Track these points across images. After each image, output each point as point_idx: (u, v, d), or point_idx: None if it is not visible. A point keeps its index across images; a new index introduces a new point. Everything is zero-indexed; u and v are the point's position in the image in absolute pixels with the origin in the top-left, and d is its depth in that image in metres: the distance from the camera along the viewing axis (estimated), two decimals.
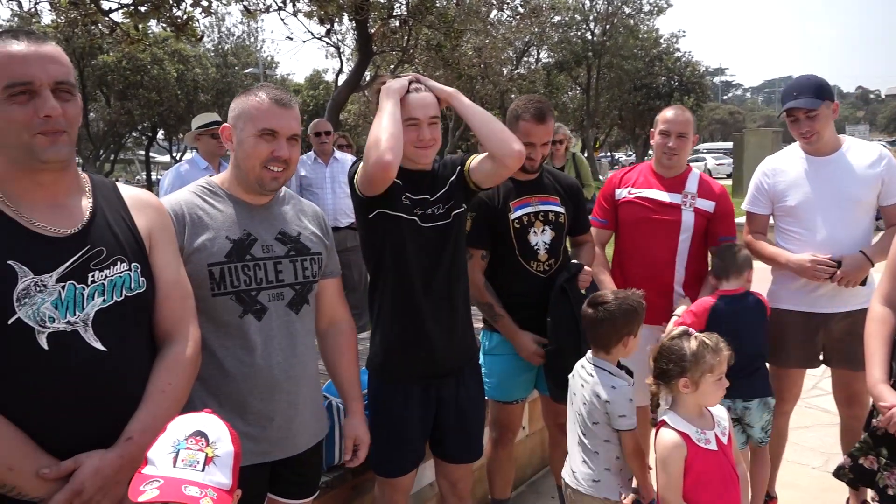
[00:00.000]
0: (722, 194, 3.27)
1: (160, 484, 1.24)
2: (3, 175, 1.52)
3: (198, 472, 1.29)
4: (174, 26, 7.20)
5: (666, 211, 3.18)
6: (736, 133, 23.23)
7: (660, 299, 3.17)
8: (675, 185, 3.23)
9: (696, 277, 3.24)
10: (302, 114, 9.50)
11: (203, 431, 1.34)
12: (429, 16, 8.95)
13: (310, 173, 6.12)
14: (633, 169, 3.44)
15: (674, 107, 3.29)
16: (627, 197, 3.27)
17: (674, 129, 3.15)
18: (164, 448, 1.31)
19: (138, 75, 26.57)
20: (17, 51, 1.45)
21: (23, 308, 1.44)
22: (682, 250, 3.18)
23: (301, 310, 2.06)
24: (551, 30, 27.33)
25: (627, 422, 2.39)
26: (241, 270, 1.95)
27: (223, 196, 2.03)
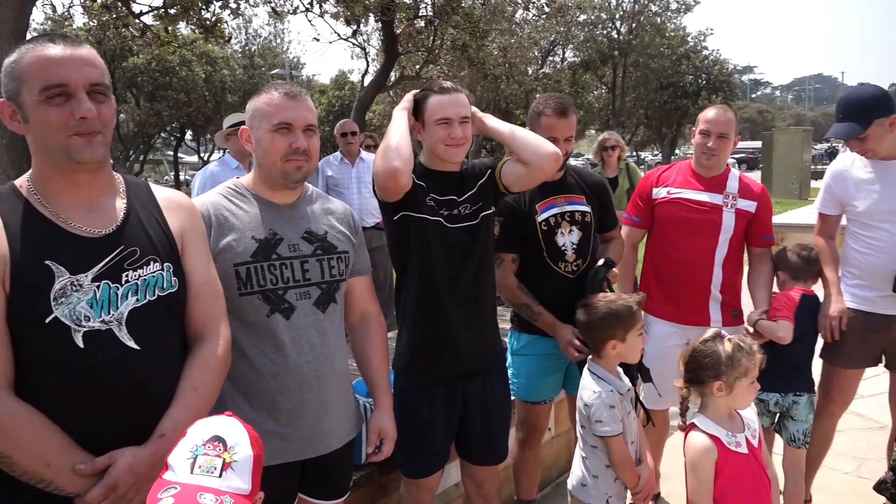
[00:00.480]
0: (763, 194, 3.24)
1: (176, 491, 1.24)
2: (41, 176, 1.56)
3: (215, 479, 1.28)
4: (203, 28, 7.28)
5: (707, 212, 3.15)
6: (765, 132, 22.88)
7: (694, 300, 3.16)
8: (716, 185, 3.19)
9: (733, 280, 3.21)
10: (327, 114, 9.61)
11: (221, 436, 1.34)
12: (455, 16, 8.94)
13: (336, 173, 6.17)
14: (670, 167, 3.40)
15: (716, 106, 3.25)
16: (666, 197, 3.24)
17: (714, 129, 3.12)
18: (182, 454, 1.31)
19: (167, 77, 26.92)
20: (54, 54, 1.48)
21: (59, 307, 1.47)
22: (720, 252, 3.15)
23: (328, 308, 2.06)
24: (577, 29, 27.15)
25: (604, 428, 2.38)
26: (267, 270, 1.96)
27: (249, 196, 2.05)
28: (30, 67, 1.48)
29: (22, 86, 1.49)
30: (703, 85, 35.51)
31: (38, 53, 1.49)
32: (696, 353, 2.27)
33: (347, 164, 6.23)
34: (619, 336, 2.45)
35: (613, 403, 2.40)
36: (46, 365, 1.48)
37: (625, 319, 2.45)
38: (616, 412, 2.39)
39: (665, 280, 3.22)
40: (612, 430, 2.38)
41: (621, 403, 2.43)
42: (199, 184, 4.89)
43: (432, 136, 2.42)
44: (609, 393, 2.41)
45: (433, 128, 2.41)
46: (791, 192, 19.18)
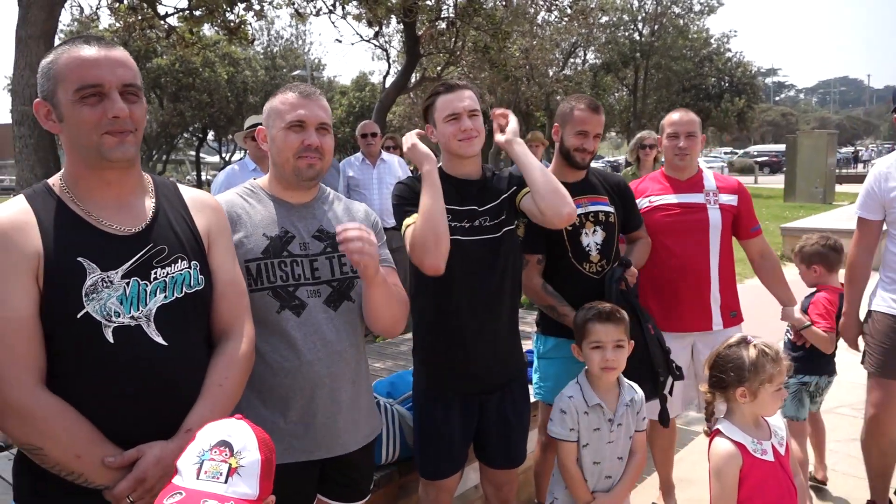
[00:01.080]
0: (739, 186, 3.31)
1: (181, 497, 1.22)
2: (73, 175, 1.59)
3: (220, 484, 1.26)
4: (227, 30, 7.36)
5: (692, 212, 3.17)
6: (789, 135, 22.62)
7: (695, 304, 3.14)
8: (693, 185, 3.24)
9: (728, 278, 3.21)
10: (347, 115, 9.66)
11: (228, 441, 1.31)
12: (477, 17, 8.95)
13: (357, 174, 6.20)
14: (644, 180, 3.42)
15: (678, 109, 3.34)
16: (649, 206, 3.24)
17: (682, 129, 3.19)
18: (190, 458, 1.30)
19: (190, 77, 27.24)
20: (89, 55, 1.52)
21: (91, 303, 1.49)
22: (714, 250, 3.16)
23: (340, 306, 2.05)
24: (598, 30, 27.01)
25: (551, 427, 2.50)
26: (277, 267, 1.98)
27: (263, 196, 2.08)
28: (65, 68, 1.51)
29: (57, 86, 1.52)
30: (726, 87, 35.20)
31: (73, 55, 1.52)
32: (720, 358, 2.23)
33: (368, 165, 6.26)
34: (578, 343, 2.54)
35: (566, 409, 2.45)
36: (77, 359, 1.51)
37: (578, 329, 2.53)
38: (566, 418, 2.44)
39: (663, 290, 3.17)
40: (556, 433, 2.47)
41: (582, 415, 2.45)
42: (219, 184, 4.96)
43: (444, 134, 2.43)
44: (566, 398, 2.47)
45: (443, 126, 2.42)
46: (815, 196, 18.96)
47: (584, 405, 2.46)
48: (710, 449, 2.21)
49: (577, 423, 2.45)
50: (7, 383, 1.43)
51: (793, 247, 3.42)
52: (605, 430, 2.47)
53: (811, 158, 19.33)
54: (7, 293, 1.44)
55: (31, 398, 1.44)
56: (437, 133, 2.47)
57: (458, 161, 2.47)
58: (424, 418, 2.54)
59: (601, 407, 2.46)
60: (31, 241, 1.48)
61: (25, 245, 1.47)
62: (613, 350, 2.44)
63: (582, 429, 2.46)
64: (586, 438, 2.46)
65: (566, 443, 2.46)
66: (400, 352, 4.45)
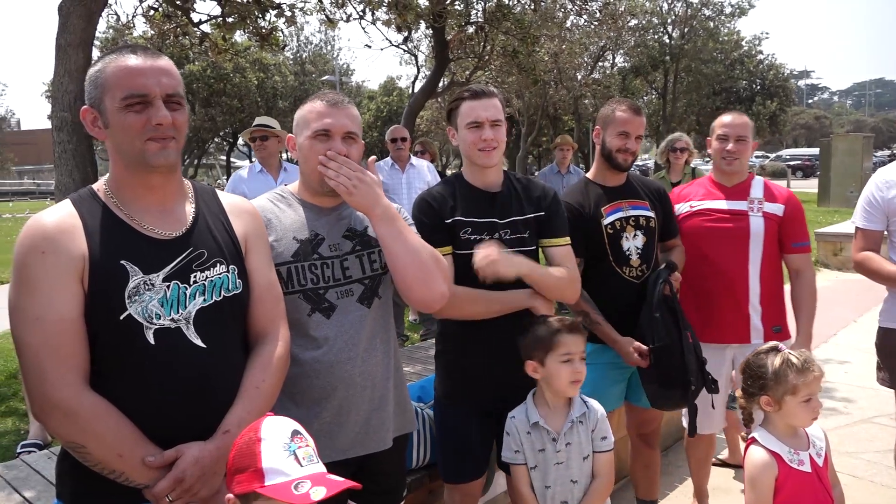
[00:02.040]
0: (790, 197, 3.16)
1: (310, 484, 1.28)
2: (117, 180, 1.64)
3: (320, 464, 1.36)
4: (259, 36, 7.45)
5: (732, 219, 3.08)
6: (822, 139, 22.23)
7: (733, 314, 3.06)
8: (739, 192, 3.13)
9: (773, 290, 3.09)
10: (375, 120, 9.69)
11: (297, 430, 1.38)
12: (505, 22, 8.94)
13: (387, 179, 6.23)
14: (691, 184, 3.35)
15: (731, 111, 3.22)
16: (689, 210, 3.18)
17: (732, 132, 3.09)
18: (278, 455, 1.33)
19: (221, 83, 27.62)
20: (135, 64, 1.56)
21: (133, 305, 1.53)
22: (754, 259, 3.05)
23: (372, 304, 2.07)
24: (627, 34, 26.81)
25: (503, 451, 2.36)
26: (307, 270, 2.00)
27: (293, 200, 2.10)
28: (113, 77, 1.56)
29: (105, 93, 1.57)
30: (758, 90, 34.72)
31: (120, 64, 1.57)
32: (748, 365, 2.23)
33: (398, 170, 6.29)
34: (538, 358, 2.27)
35: (508, 430, 2.31)
36: (119, 360, 1.54)
37: (544, 342, 2.26)
38: (510, 441, 2.31)
39: (701, 298, 3.11)
40: (504, 456, 2.34)
41: (524, 435, 2.29)
42: (229, 187, 5.06)
43: (465, 140, 2.42)
44: (509, 419, 2.33)
45: (465, 132, 2.41)
46: (850, 200, 18.54)
47: (524, 424, 2.30)
48: (744, 457, 2.19)
49: (521, 443, 2.29)
50: (53, 383, 1.47)
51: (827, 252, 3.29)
52: (550, 450, 2.29)
53: (846, 162, 18.96)
54: (54, 295, 1.48)
55: (76, 397, 1.48)
56: (457, 138, 2.48)
57: (479, 170, 2.46)
58: (445, 423, 2.56)
59: (539, 426, 2.29)
60: (77, 244, 1.52)
61: (72, 248, 1.52)
62: (580, 362, 2.26)
63: (526, 450, 2.29)
64: (532, 460, 2.30)
65: (516, 466, 2.31)
66: (429, 356, 4.45)
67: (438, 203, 2.41)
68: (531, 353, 2.28)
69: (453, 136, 2.51)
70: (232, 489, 1.37)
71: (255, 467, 1.32)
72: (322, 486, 1.28)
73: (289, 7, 7.42)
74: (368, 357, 2.04)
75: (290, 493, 1.27)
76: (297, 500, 1.26)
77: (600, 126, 2.94)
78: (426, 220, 2.38)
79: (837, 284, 7.81)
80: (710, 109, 34.51)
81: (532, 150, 28.63)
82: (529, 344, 2.30)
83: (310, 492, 1.27)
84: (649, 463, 3.22)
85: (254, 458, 1.33)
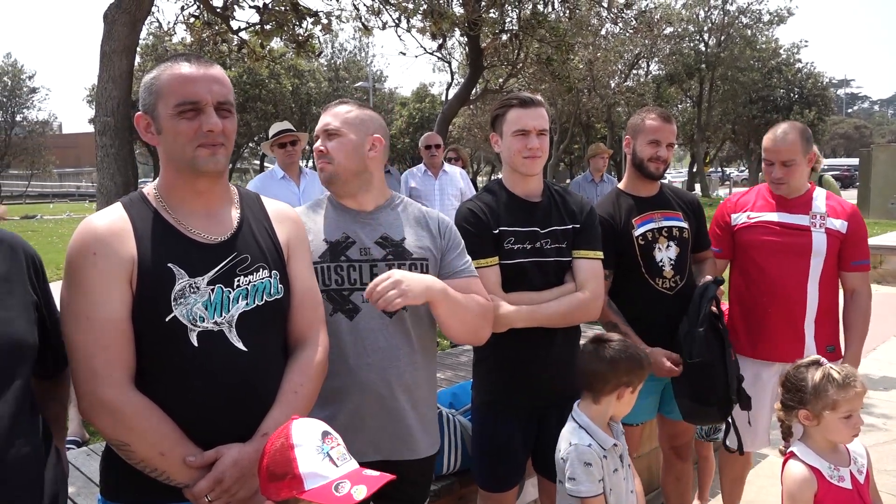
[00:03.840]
0: (854, 213, 3.00)
1: (349, 484, 1.32)
2: (167, 185, 1.68)
3: (353, 462, 1.39)
4: (295, 43, 7.55)
5: (794, 234, 2.93)
6: (862, 149, 21.76)
7: (786, 332, 2.95)
8: (800, 205, 2.98)
9: (828, 308, 2.97)
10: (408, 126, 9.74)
11: (326, 430, 1.42)
12: (540, 29, 8.94)
13: (420, 185, 6.27)
14: (749, 192, 3.22)
15: (777, 128, 2.97)
16: (747, 222, 3.05)
17: (776, 157, 2.92)
18: (313, 458, 1.35)
19: (257, 89, 28.08)
20: (189, 73, 1.61)
21: (178, 307, 1.56)
22: (813, 276, 2.92)
23: (395, 314, 2.04)
24: (663, 41, 26.60)
25: (576, 487, 2.13)
26: (333, 271, 2.02)
27: (329, 203, 2.14)
28: (167, 84, 1.61)
29: (158, 100, 1.61)
30: (796, 99, 34.20)
31: (175, 72, 1.61)
32: (788, 378, 2.20)
33: (430, 177, 6.32)
34: (635, 384, 2.20)
35: (590, 460, 2.14)
36: (163, 361, 1.58)
37: (645, 368, 2.21)
38: (593, 470, 2.13)
39: (753, 312, 3.02)
40: (588, 491, 2.12)
41: (604, 460, 2.17)
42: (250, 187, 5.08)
43: (509, 147, 2.43)
44: (586, 448, 2.15)
45: (510, 139, 2.42)
46: (891, 212, 18.16)
47: (601, 450, 2.18)
48: (783, 472, 2.15)
49: (602, 470, 2.17)
50: (101, 381, 1.51)
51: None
52: (620, 468, 2.25)
53: (887, 173, 18.54)
54: (105, 296, 1.53)
55: (122, 396, 1.52)
56: (501, 144, 2.48)
57: (521, 178, 2.47)
58: (484, 431, 2.55)
59: (615, 446, 2.22)
60: (127, 247, 1.57)
61: (122, 251, 1.56)
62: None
63: (605, 475, 2.19)
64: (610, 484, 2.20)
65: (595, 498, 2.15)
66: (460, 363, 4.47)
67: (486, 214, 2.42)
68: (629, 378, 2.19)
69: (496, 143, 2.51)
70: (270, 496, 1.39)
71: (293, 473, 1.34)
72: (362, 484, 1.32)
73: (325, 15, 7.51)
74: (388, 365, 2.03)
75: (332, 495, 1.29)
76: (340, 501, 1.28)
77: (630, 136, 2.92)
78: (474, 231, 2.38)
79: (877, 298, 7.60)
80: (746, 118, 34.07)
81: (564, 158, 28.49)
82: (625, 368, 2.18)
83: (351, 492, 1.29)
84: (681, 476, 3.18)
85: (289, 464, 1.35)
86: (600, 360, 2.20)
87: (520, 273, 2.39)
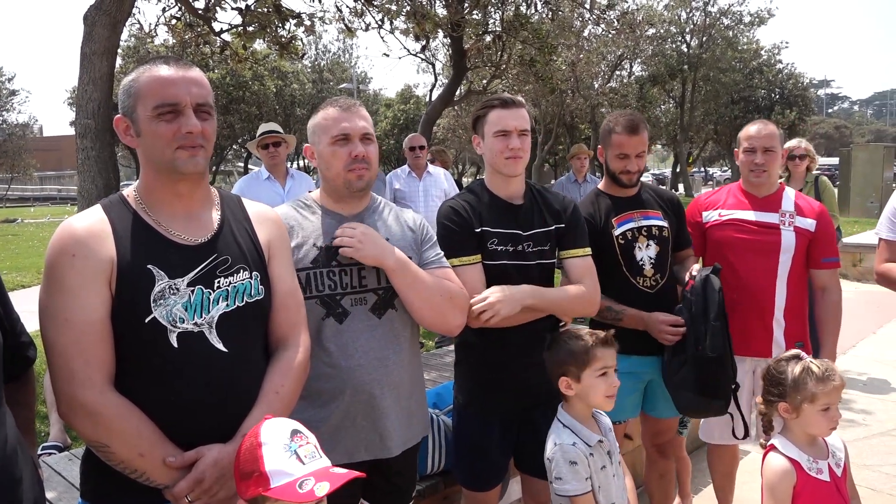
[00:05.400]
0: (822, 212, 3.09)
1: (314, 481, 1.33)
2: (147, 187, 1.68)
3: (322, 460, 1.40)
4: (278, 45, 7.53)
5: (763, 231, 3.01)
6: (842, 148, 22.02)
7: (757, 327, 3.01)
8: (770, 204, 3.06)
9: (797, 305, 3.05)
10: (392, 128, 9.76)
11: (295, 429, 1.44)
12: (523, 31, 8.99)
13: (404, 186, 6.27)
14: (720, 190, 3.28)
15: (757, 121, 3.12)
16: (718, 219, 3.12)
17: (759, 143, 3.00)
18: (280, 456, 1.37)
19: (240, 91, 27.93)
20: (167, 75, 1.61)
21: (158, 308, 1.56)
22: (782, 273, 3.00)
23: (385, 314, 2.08)
24: (645, 43, 26.78)
25: (562, 486, 2.14)
26: (325, 276, 2.03)
27: (315, 207, 2.14)
28: (146, 86, 1.61)
29: (137, 102, 1.61)
30: (777, 99, 34.53)
31: (153, 74, 1.61)
32: (769, 371, 2.24)
33: (415, 178, 6.33)
34: (573, 374, 2.20)
35: (575, 459, 2.14)
36: (143, 362, 1.58)
37: (580, 356, 2.19)
38: (579, 469, 2.13)
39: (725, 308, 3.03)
40: (575, 490, 2.12)
41: (590, 458, 2.17)
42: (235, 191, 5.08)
43: (491, 149, 2.44)
44: (570, 447, 2.15)
45: (491, 140, 2.43)
46: (870, 211, 18.38)
47: (586, 447, 2.18)
48: (763, 464, 2.18)
49: (589, 468, 2.17)
50: (80, 383, 1.50)
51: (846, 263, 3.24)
52: (608, 465, 2.24)
53: (866, 172, 18.77)
54: (84, 298, 1.53)
55: (101, 398, 1.51)
56: (483, 146, 2.49)
57: (503, 180, 2.48)
58: (463, 431, 2.56)
59: (601, 442, 2.22)
60: (106, 248, 1.57)
61: (101, 252, 1.56)
62: (615, 375, 2.21)
63: (592, 473, 2.19)
64: (598, 481, 2.20)
65: (583, 496, 2.14)
66: (444, 363, 4.48)
67: (468, 212, 2.43)
68: (564, 368, 2.22)
69: (478, 145, 2.52)
70: (241, 495, 1.41)
71: (260, 471, 1.36)
72: (325, 481, 1.33)
73: (308, 16, 7.50)
74: (379, 366, 2.06)
75: (295, 492, 1.31)
76: (302, 498, 1.30)
77: (602, 145, 2.92)
78: (456, 229, 2.39)
79: (857, 295, 7.72)
80: (728, 119, 34.36)
81: (548, 159, 28.58)
82: (562, 359, 2.23)
83: (314, 489, 1.31)
84: (664, 473, 3.21)
85: (256, 462, 1.37)
86: (547, 358, 2.30)
87: (501, 275, 2.39)
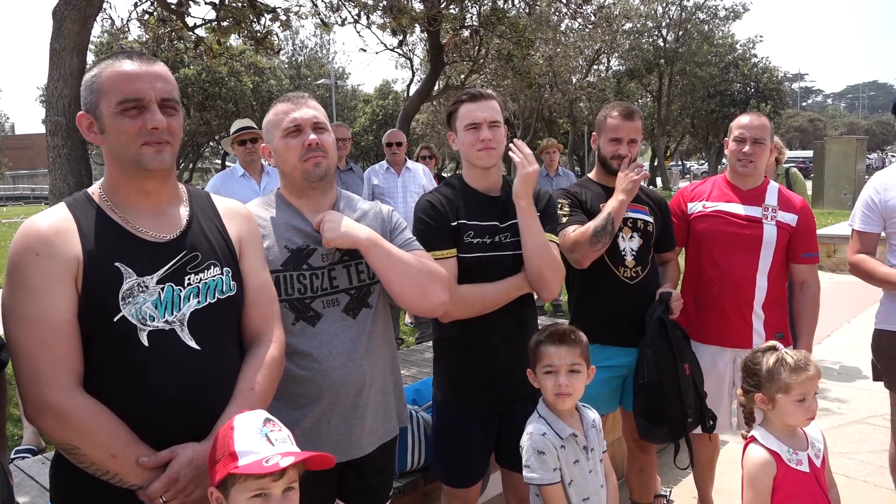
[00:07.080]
0: (804, 207, 3.12)
1: (280, 457, 1.36)
2: (112, 184, 1.64)
3: (293, 446, 1.43)
4: (254, 40, 7.46)
5: (746, 225, 3.04)
6: (816, 141, 22.32)
7: (736, 319, 3.04)
8: (754, 197, 3.09)
9: (777, 297, 3.08)
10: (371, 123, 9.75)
11: (269, 418, 1.46)
12: (500, 25, 8.99)
13: (382, 182, 6.24)
14: (705, 182, 3.30)
15: (750, 112, 3.15)
16: (702, 211, 3.14)
17: (749, 134, 3.02)
18: (251, 437, 1.39)
19: (217, 87, 27.68)
20: (130, 70, 1.57)
21: (127, 307, 1.53)
22: (763, 267, 3.03)
23: (360, 314, 2.06)
24: (622, 37, 26.93)
25: (530, 474, 2.16)
26: (296, 279, 2.00)
27: (284, 206, 2.09)
28: (108, 82, 1.57)
29: (100, 98, 1.57)
30: (752, 93, 34.89)
31: (116, 69, 1.58)
32: (746, 363, 2.26)
33: (393, 174, 6.30)
34: (532, 367, 2.26)
35: (543, 449, 2.15)
36: (113, 362, 1.54)
37: (531, 352, 2.25)
38: (546, 459, 2.15)
39: (705, 299, 3.10)
40: (540, 479, 2.15)
41: (560, 450, 2.17)
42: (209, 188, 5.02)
43: (464, 143, 2.43)
44: (539, 437, 2.17)
45: (463, 134, 2.43)
46: (844, 202, 18.67)
47: (557, 439, 2.18)
48: (743, 455, 2.20)
49: (558, 460, 2.17)
50: (46, 384, 1.47)
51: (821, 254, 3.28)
52: (583, 460, 2.22)
53: (839, 164, 19.05)
54: (49, 297, 1.49)
55: (69, 399, 1.47)
56: (457, 141, 2.49)
57: (479, 172, 2.47)
58: (446, 426, 2.55)
59: (575, 436, 2.21)
60: (71, 246, 1.53)
61: (66, 250, 1.52)
62: (567, 375, 2.17)
63: (563, 465, 2.18)
64: (570, 475, 2.19)
65: (551, 486, 2.16)
66: (424, 359, 4.46)
67: (444, 205, 2.41)
68: (530, 363, 2.27)
69: (453, 141, 2.51)
70: (212, 481, 1.42)
71: (230, 451, 1.38)
72: (291, 455, 1.36)
73: (283, 11, 7.43)
74: (353, 367, 2.03)
75: (261, 466, 1.33)
76: (266, 470, 1.32)
77: (596, 132, 2.98)
78: (432, 223, 2.38)
79: (832, 286, 7.82)
80: (704, 112, 34.68)
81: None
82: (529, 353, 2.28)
83: (279, 462, 1.34)
84: (644, 467, 3.23)
85: (227, 444, 1.39)
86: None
87: (478, 267, 2.39)
